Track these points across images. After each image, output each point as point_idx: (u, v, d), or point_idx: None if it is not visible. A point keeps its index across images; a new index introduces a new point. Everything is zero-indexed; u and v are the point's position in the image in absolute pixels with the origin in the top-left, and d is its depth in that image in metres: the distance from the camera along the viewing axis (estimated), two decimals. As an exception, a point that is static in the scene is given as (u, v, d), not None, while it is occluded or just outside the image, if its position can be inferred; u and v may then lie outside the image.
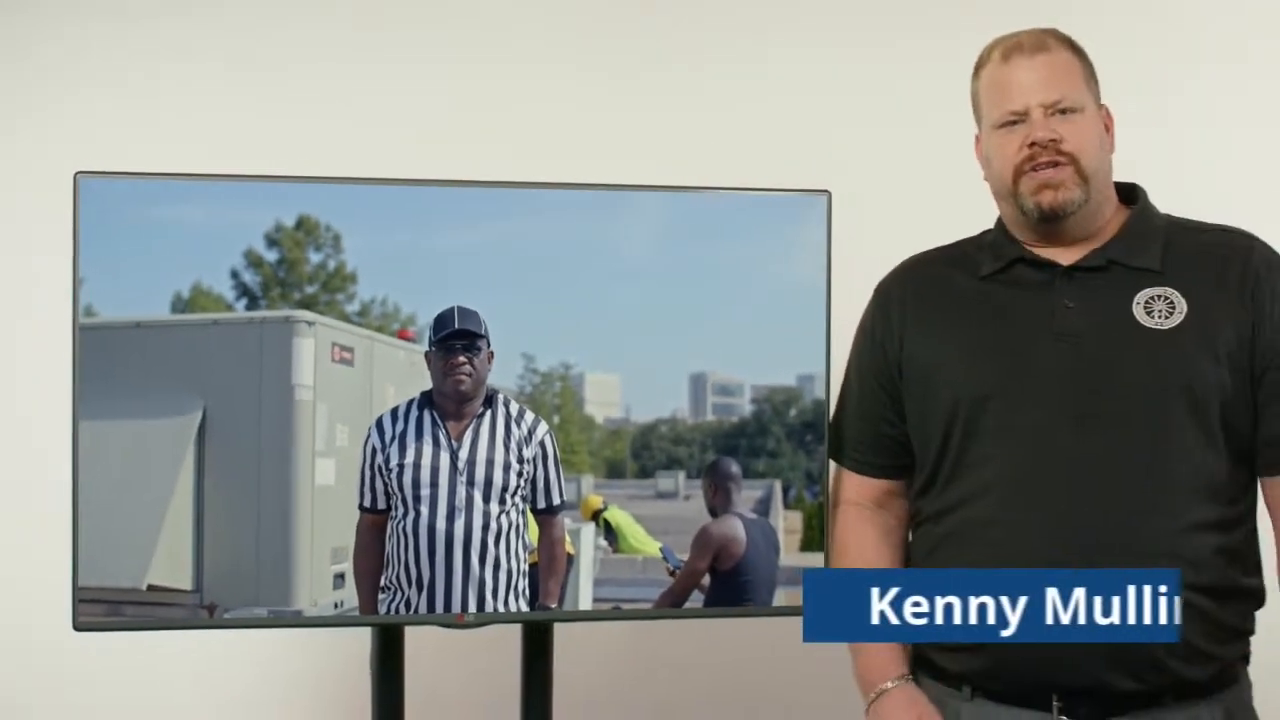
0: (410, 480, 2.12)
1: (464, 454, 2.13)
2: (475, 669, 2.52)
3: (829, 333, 2.16)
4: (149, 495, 2.08)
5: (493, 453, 2.14)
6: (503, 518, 2.13)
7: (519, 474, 2.15)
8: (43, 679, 2.79)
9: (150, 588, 2.08)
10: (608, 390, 2.21)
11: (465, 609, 2.12)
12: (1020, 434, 1.84)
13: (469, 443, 2.13)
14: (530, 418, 2.16)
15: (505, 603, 2.14)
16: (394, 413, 2.14)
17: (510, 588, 2.14)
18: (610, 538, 2.25)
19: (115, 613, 2.08)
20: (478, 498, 2.12)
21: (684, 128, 2.84)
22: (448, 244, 2.14)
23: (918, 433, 1.96)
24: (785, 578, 2.23)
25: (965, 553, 1.86)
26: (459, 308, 2.11)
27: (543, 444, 2.17)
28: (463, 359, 2.12)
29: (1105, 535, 1.78)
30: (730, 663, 2.83)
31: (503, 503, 2.14)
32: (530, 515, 2.17)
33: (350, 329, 2.14)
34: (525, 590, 2.16)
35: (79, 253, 2.03)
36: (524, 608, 2.16)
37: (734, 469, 2.23)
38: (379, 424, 2.13)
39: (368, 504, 2.13)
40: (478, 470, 2.13)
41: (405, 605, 2.12)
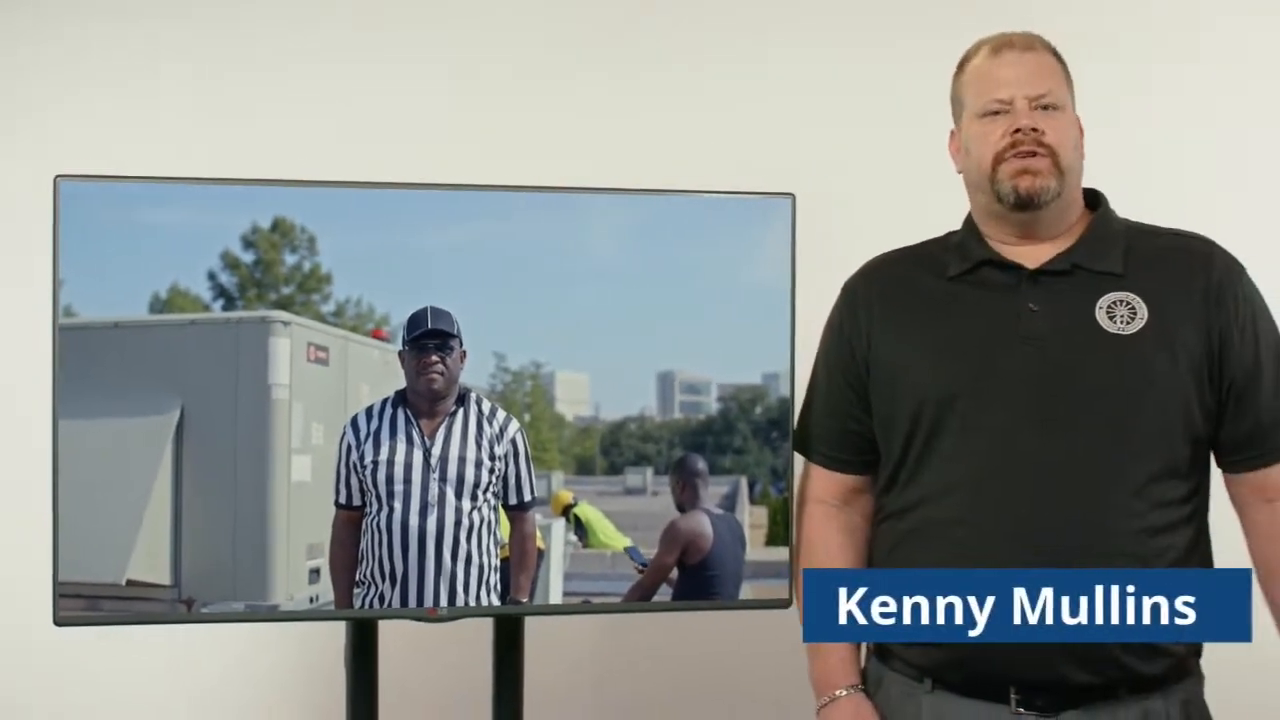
0: (384, 477, 2.14)
1: (437, 451, 2.15)
2: (448, 662, 2.52)
3: (793, 332, 2.18)
4: (128, 492, 2.09)
5: (465, 450, 2.15)
6: (474, 514, 2.15)
7: (491, 471, 2.16)
8: (23, 673, 2.79)
9: (129, 583, 2.08)
10: (577, 389, 2.22)
11: (438, 603, 2.14)
12: (985, 435, 1.86)
13: (442, 440, 2.15)
14: (502, 416, 2.18)
15: (477, 597, 2.16)
16: (368, 411, 2.15)
17: (482, 582, 2.16)
18: (580, 533, 2.26)
19: (95, 607, 2.09)
20: (450, 494, 2.14)
21: (653, 131, 2.84)
22: (421, 245, 2.15)
23: (883, 430, 1.97)
24: (751, 571, 2.24)
25: (927, 551, 1.88)
26: (432, 308, 2.12)
27: (514, 441, 2.18)
28: (435, 358, 2.14)
29: (1066, 537, 1.80)
30: (697, 655, 2.83)
31: (474, 499, 2.15)
32: (501, 511, 2.18)
33: (325, 329, 2.14)
34: (497, 585, 2.17)
35: (59, 254, 2.04)
36: (495, 602, 2.18)
37: (701, 465, 2.24)
38: (354, 422, 2.15)
39: (343, 500, 2.14)
40: (450, 467, 2.15)
41: (379, 600, 2.14)
